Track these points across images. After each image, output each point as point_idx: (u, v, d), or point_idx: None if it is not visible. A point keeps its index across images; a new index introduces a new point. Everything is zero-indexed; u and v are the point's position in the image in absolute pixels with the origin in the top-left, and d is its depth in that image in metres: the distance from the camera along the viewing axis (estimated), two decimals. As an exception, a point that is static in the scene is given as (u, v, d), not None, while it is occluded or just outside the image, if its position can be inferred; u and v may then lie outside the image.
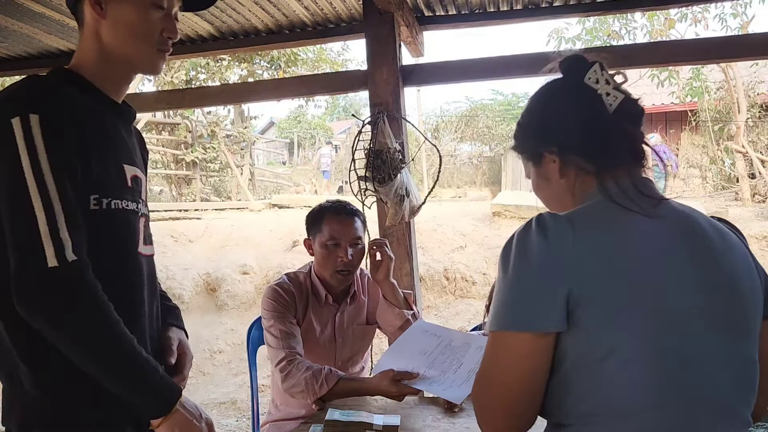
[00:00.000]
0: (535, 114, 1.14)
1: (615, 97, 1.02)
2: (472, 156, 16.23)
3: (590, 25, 10.11)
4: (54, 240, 1.07)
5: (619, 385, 0.90)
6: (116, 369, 1.14)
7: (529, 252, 0.93)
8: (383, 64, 2.94)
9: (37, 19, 3.10)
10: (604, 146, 1.02)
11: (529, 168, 1.16)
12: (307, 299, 2.12)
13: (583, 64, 1.05)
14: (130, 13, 1.24)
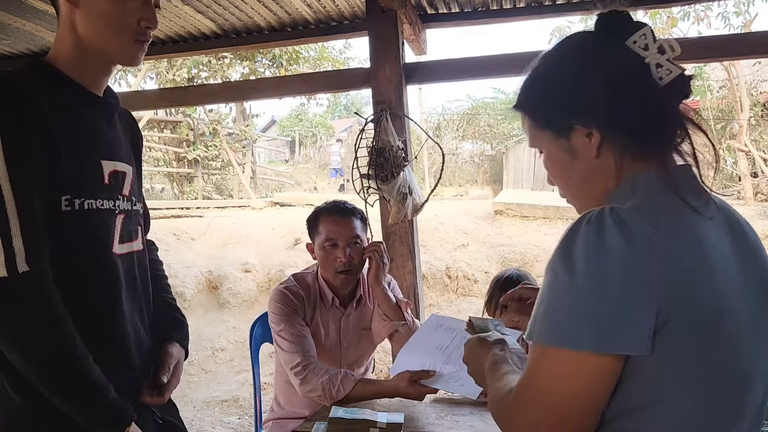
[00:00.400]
0: (561, 73, 0.94)
1: (669, 70, 0.87)
2: (473, 154, 16.22)
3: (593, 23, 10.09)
4: (6, 249, 1.03)
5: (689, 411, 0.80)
6: (63, 388, 1.10)
7: (609, 256, 0.77)
8: (386, 62, 2.94)
9: (39, 16, 3.10)
10: (655, 124, 0.87)
11: (538, 135, 0.97)
12: (314, 302, 2.11)
13: (630, 24, 0.89)
14: (104, 1, 1.18)
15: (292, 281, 2.13)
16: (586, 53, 0.92)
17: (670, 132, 0.89)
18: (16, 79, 1.14)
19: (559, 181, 0.99)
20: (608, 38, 0.91)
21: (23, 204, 1.05)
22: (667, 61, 0.87)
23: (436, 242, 6.88)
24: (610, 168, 0.90)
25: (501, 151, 15.02)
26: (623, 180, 0.90)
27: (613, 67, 0.88)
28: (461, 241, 6.96)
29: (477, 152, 16.29)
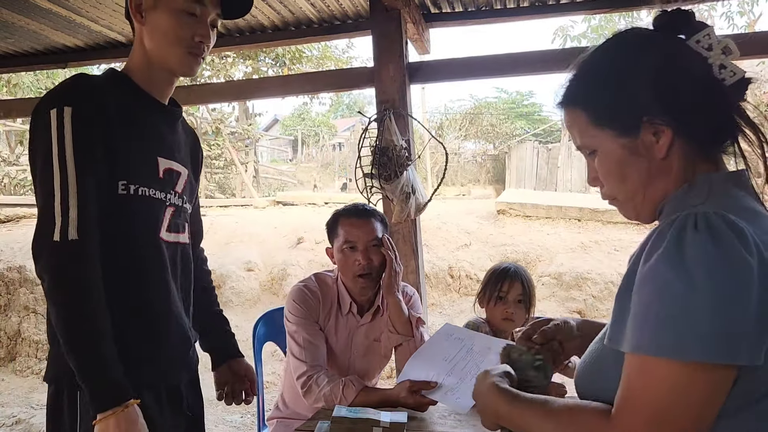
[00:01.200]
0: (627, 69, 0.88)
1: (733, 72, 0.85)
2: (476, 154, 16.19)
3: (596, 23, 10.09)
4: (63, 217, 1.20)
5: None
6: (78, 349, 1.21)
7: (734, 266, 0.73)
8: (390, 61, 2.94)
9: (43, 15, 3.11)
10: (721, 126, 0.86)
11: (596, 133, 0.91)
12: (331, 305, 2.06)
13: (693, 22, 0.87)
14: (163, 19, 1.36)
15: (312, 280, 2.10)
16: (648, 48, 0.88)
17: (734, 132, 0.87)
18: (93, 82, 1.33)
19: (613, 181, 0.93)
20: (672, 36, 0.88)
21: (82, 184, 1.22)
22: (731, 63, 0.85)
23: (438, 242, 6.88)
24: (675, 169, 0.87)
25: (504, 150, 15.00)
26: (694, 180, 0.86)
27: (679, 65, 0.85)
28: (464, 241, 6.96)
29: (479, 152, 16.26)
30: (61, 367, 1.25)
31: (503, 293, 2.09)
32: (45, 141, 1.23)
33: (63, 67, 3.93)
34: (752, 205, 0.83)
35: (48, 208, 1.21)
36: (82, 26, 3.28)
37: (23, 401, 4.75)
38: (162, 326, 1.42)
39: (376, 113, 2.90)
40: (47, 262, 1.21)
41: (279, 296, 6.18)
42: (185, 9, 1.36)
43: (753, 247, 0.75)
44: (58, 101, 1.25)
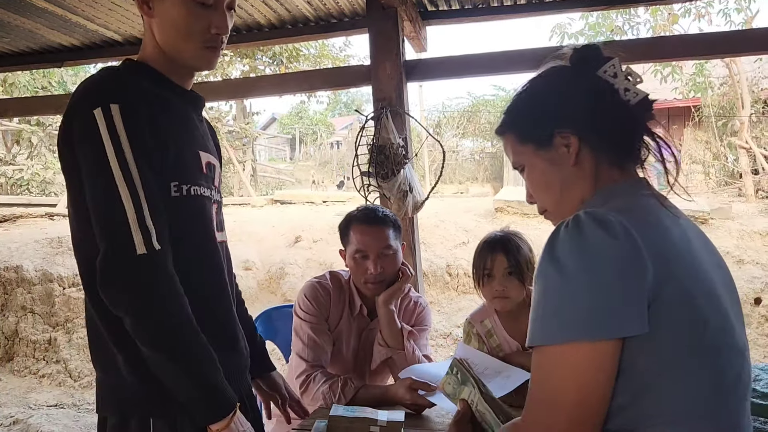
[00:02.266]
0: (544, 92, 1.05)
1: (635, 93, 0.98)
2: (474, 152, 16.19)
3: (593, 20, 10.07)
4: (141, 228, 1.09)
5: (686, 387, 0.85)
6: (187, 364, 1.14)
7: (596, 250, 0.84)
8: (386, 60, 2.93)
9: (39, 14, 3.09)
10: (626, 137, 1.00)
11: (522, 150, 1.06)
12: (343, 304, 2.03)
13: (600, 56, 1.01)
14: (173, 11, 1.22)
15: (326, 277, 2.06)
16: (566, 76, 1.04)
17: (638, 145, 1.01)
18: (125, 76, 1.22)
19: (540, 191, 1.07)
20: (583, 69, 1.02)
21: (148, 188, 1.12)
22: (634, 86, 0.99)
23: (436, 240, 6.88)
24: (587, 176, 1.00)
25: (501, 148, 14.99)
26: (597, 191, 0.99)
27: (587, 88, 1.00)
28: (462, 239, 6.95)
29: (477, 150, 16.26)
30: (127, 394, 1.19)
31: (488, 269, 1.88)
32: (95, 145, 1.10)
33: (59, 66, 3.92)
34: (642, 202, 0.95)
35: (119, 222, 1.08)
36: (78, 25, 3.27)
37: (21, 401, 4.74)
38: (230, 332, 1.35)
39: (373, 111, 2.90)
40: (133, 279, 1.09)
41: (277, 295, 6.17)
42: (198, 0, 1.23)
43: (619, 229, 0.85)
44: (101, 98, 1.12)
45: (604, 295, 0.82)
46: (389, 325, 1.94)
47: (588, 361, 0.82)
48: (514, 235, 1.95)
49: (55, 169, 11.43)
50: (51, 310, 5.65)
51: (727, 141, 10.37)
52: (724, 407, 0.87)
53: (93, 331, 1.24)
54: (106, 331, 1.20)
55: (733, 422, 0.89)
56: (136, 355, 1.16)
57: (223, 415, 1.16)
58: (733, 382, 0.89)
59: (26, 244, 6.28)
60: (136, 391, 1.19)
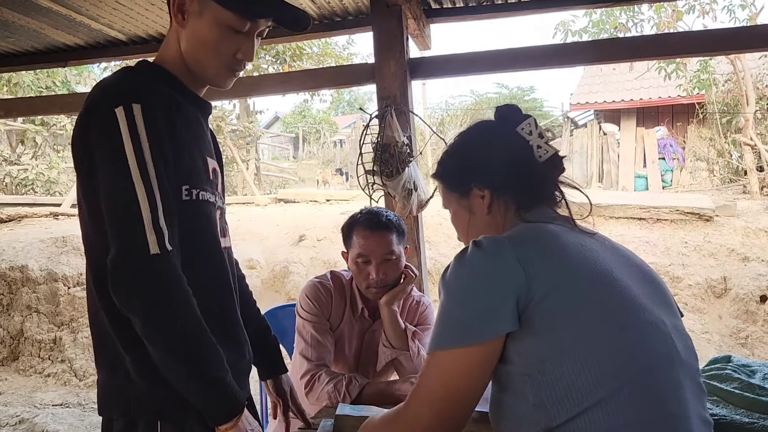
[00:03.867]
0: (466, 150, 1.22)
1: (546, 150, 1.14)
2: (477, 150, 16.17)
3: (597, 17, 10.04)
4: (155, 228, 1.08)
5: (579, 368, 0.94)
6: (199, 365, 1.14)
7: (469, 267, 1.00)
8: (391, 58, 2.92)
9: (43, 13, 3.10)
10: (533, 189, 1.15)
11: (449, 197, 1.24)
12: (345, 305, 2.03)
13: (518, 116, 1.17)
14: (205, 30, 1.23)
15: (327, 277, 2.06)
16: (484, 133, 1.22)
17: (545, 194, 1.16)
18: (145, 77, 1.22)
19: (461, 233, 1.24)
20: (504, 125, 1.18)
21: (164, 189, 1.12)
22: (545, 144, 1.14)
23: (440, 238, 6.87)
24: (498, 221, 1.16)
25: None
26: (510, 226, 1.13)
27: (504, 145, 1.16)
28: (466, 237, 6.94)
29: (481, 148, 16.23)
30: (134, 396, 1.19)
31: None
32: (114, 142, 1.09)
33: (63, 66, 3.93)
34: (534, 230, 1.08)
35: (133, 221, 1.08)
36: (82, 25, 3.27)
37: (26, 400, 4.76)
38: (236, 336, 1.35)
39: (377, 110, 2.89)
40: (145, 279, 1.08)
41: (281, 294, 6.18)
42: (233, 26, 1.23)
43: (493, 247, 1.00)
44: (123, 98, 1.12)
45: (474, 305, 0.97)
46: (393, 326, 1.94)
47: (456, 364, 0.98)
48: None
49: (59, 168, 11.45)
50: (56, 309, 5.67)
51: (732, 138, 10.33)
52: (627, 381, 0.94)
53: (99, 331, 1.24)
54: (115, 332, 1.19)
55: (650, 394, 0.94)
56: (145, 357, 1.16)
57: (232, 416, 1.17)
58: (644, 354, 0.96)
59: (31, 244, 6.29)
60: (144, 394, 1.19)
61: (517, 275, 0.96)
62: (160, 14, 3.16)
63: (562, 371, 0.94)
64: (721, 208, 6.92)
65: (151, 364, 1.16)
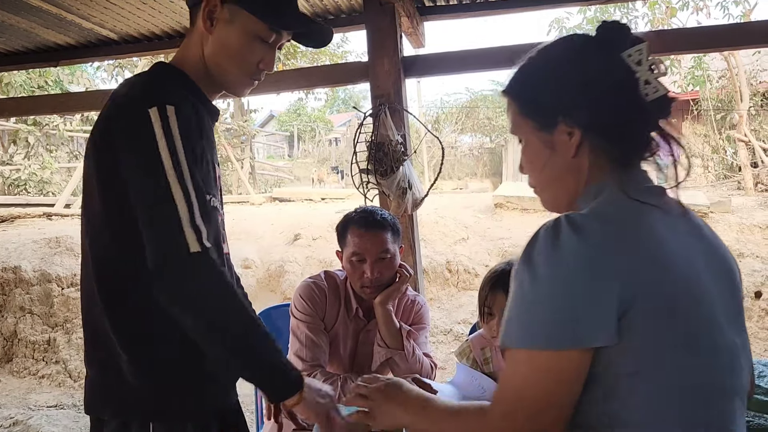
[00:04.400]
0: (558, 70, 0.96)
1: (656, 88, 0.91)
2: (472, 147, 16.19)
3: (591, 14, 10.06)
4: (193, 227, 1.09)
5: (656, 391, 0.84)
6: (257, 350, 1.17)
7: (569, 258, 0.83)
8: (384, 56, 2.91)
9: (34, 13, 3.07)
10: (633, 136, 0.94)
11: (523, 124, 1.00)
12: (339, 305, 2.01)
13: (627, 37, 0.93)
14: (234, 37, 1.26)
15: (321, 277, 2.05)
16: (584, 56, 0.95)
17: (646, 145, 0.95)
18: (174, 80, 1.24)
19: (532, 171, 1.03)
20: (606, 46, 0.94)
21: (198, 188, 1.12)
22: (656, 80, 0.92)
23: (436, 236, 6.87)
24: (583, 170, 0.95)
25: (500, 143, 15.00)
26: (595, 183, 0.94)
27: (605, 75, 0.92)
28: (461, 235, 6.94)
29: (476, 145, 16.26)
30: (128, 396, 1.19)
31: (488, 307, 1.76)
32: (148, 143, 1.10)
33: (55, 66, 3.90)
34: (626, 205, 0.90)
35: (171, 220, 1.08)
36: (73, 24, 3.25)
37: (21, 402, 4.73)
38: None
39: (372, 108, 2.88)
40: (190, 277, 1.09)
41: (276, 293, 6.16)
42: (261, 36, 1.27)
43: (596, 238, 0.83)
44: (157, 99, 1.13)
45: (572, 305, 0.82)
46: (387, 325, 1.92)
47: (550, 368, 0.83)
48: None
49: (52, 168, 11.39)
50: (50, 310, 5.64)
51: (726, 134, 10.37)
52: (702, 410, 0.86)
53: (93, 328, 1.23)
54: (113, 330, 1.19)
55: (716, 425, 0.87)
56: (142, 358, 1.18)
57: (294, 391, 1.20)
58: (717, 386, 0.88)
59: (24, 245, 6.26)
60: (138, 395, 1.19)
61: (622, 275, 0.82)
62: (151, 13, 3.14)
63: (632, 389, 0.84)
64: (716, 204, 6.94)
65: (147, 365, 1.18)
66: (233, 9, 1.24)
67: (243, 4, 1.25)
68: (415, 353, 1.94)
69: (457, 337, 5.41)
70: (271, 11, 1.27)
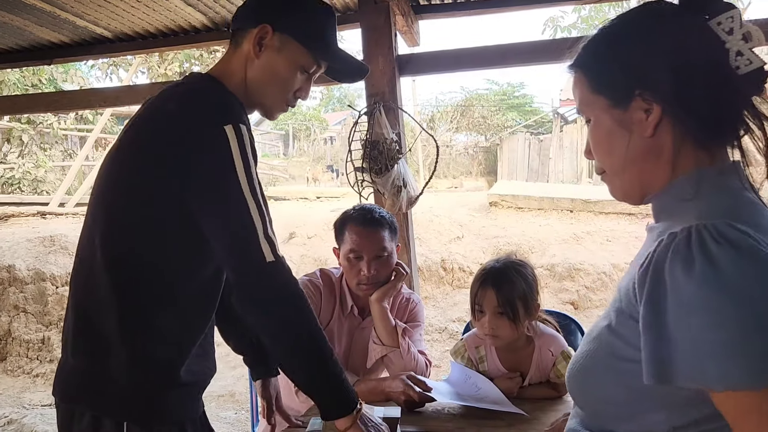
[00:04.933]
0: (635, 38, 0.85)
1: (749, 60, 0.80)
2: (467, 146, 16.19)
3: (586, 13, 10.08)
4: (267, 239, 1.16)
5: None
6: (322, 359, 1.22)
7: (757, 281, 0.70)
8: (379, 54, 2.91)
9: (28, 11, 3.06)
10: (726, 114, 0.82)
11: (592, 100, 0.90)
12: (335, 303, 2.02)
13: (719, 3, 0.82)
14: (280, 66, 1.31)
15: (316, 275, 2.05)
16: (666, 23, 0.84)
17: (738, 125, 0.83)
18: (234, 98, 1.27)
19: (602, 154, 0.91)
20: (692, 13, 0.83)
21: (265, 202, 1.20)
22: (750, 51, 0.81)
23: (431, 235, 6.88)
24: (665, 153, 0.84)
25: (495, 142, 15.01)
26: (685, 174, 0.84)
27: (691, 43, 0.81)
28: (456, 233, 6.96)
29: (471, 144, 16.26)
30: (108, 392, 1.21)
31: (479, 305, 1.76)
32: (224, 160, 1.15)
33: (48, 64, 3.88)
34: (748, 198, 0.81)
35: (250, 233, 1.15)
36: (66, 22, 3.24)
37: (15, 401, 4.72)
38: (210, 347, 1.42)
39: (366, 107, 2.88)
40: (269, 285, 1.17)
41: (272, 291, 6.16)
42: (305, 67, 1.33)
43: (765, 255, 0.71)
44: (231, 117, 1.17)
45: None
46: (383, 322, 1.93)
47: None
48: (514, 266, 1.78)
49: (46, 167, 11.35)
50: (44, 309, 5.63)
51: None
52: None
53: (89, 321, 1.23)
54: (122, 327, 1.19)
55: None
56: (142, 357, 1.20)
57: (350, 410, 1.25)
58: None
59: (18, 243, 6.24)
60: (123, 393, 1.20)
61: None
62: (145, 11, 3.13)
63: None
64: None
65: (144, 366, 1.20)
66: (284, 38, 1.30)
67: (295, 35, 1.30)
68: (410, 351, 1.95)
69: (451, 335, 5.43)
70: (321, 45, 1.34)
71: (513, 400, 1.71)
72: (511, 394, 1.74)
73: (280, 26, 1.29)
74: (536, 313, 1.79)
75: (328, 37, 1.37)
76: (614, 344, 0.84)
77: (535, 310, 1.78)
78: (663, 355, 0.73)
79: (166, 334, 1.23)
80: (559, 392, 1.77)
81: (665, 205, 0.88)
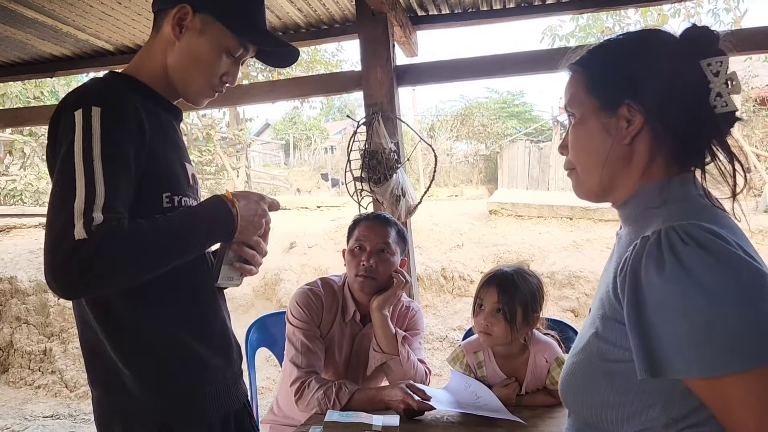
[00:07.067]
0: (635, 53, 0.95)
1: (726, 103, 0.90)
2: (468, 154, 16.23)
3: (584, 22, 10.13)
4: (85, 217, 1.01)
5: None
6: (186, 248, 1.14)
7: (734, 267, 0.79)
8: (377, 65, 2.94)
9: (29, 24, 3.10)
10: (694, 139, 0.92)
11: (584, 101, 0.98)
12: (336, 310, 2.03)
13: (711, 46, 0.91)
14: (203, 48, 1.25)
15: (317, 284, 2.07)
16: (666, 50, 0.93)
17: (705, 150, 0.93)
18: (112, 84, 1.22)
19: (579, 152, 1.00)
20: (688, 49, 0.92)
21: (111, 185, 1.05)
22: (728, 95, 0.91)
23: (431, 243, 6.88)
24: (636, 161, 0.94)
25: (495, 150, 15.05)
26: (652, 182, 0.93)
27: (682, 74, 0.91)
28: (456, 242, 6.96)
29: (471, 152, 16.30)
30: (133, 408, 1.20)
31: (481, 301, 1.83)
32: (67, 144, 1.07)
33: (50, 76, 3.92)
34: (707, 203, 0.92)
35: (63, 213, 1.02)
36: (68, 35, 3.27)
37: (17, 413, 4.72)
38: (223, 340, 1.36)
39: (365, 117, 2.91)
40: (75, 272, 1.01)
41: (272, 301, 6.17)
42: (230, 50, 1.27)
43: (735, 246, 0.81)
44: (84, 101, 1.10)
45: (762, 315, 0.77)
46: (383, 330, 1.95)
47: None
48: (522, 273, 1.83)
49: (48, 179, 11.39)
50: (46, 320, 5.63)
51: (719, 140, 10.41)
52: None
53: (91, 351, 1.23)
54: (114, 349, 1.19)
55: None
56: (144, 369, 1.19)
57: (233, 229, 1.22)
58: None
59: (20, 255, 6.26)
60: (143, 405, 1.20)
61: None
62: (147, 24, 3.16)
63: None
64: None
65: (152, 377, 1.19)
66: (206, 19, 1.23)
67: (217, 16, 1.23)
68: (410, 359, 1.96)
69: (452, 343, 5.42)
70: (245, 27, 1.27)
71: (511, 407, 1.72)
72: (509, 402, 1.75)
73: (201, 6, 1.22)
74: (535, 324, 1.82)
75: (254, 17, 1.29)
76: (604, 349, 0.90)
77: (534, 321, 1.81)
78: (650, 351, 0.81)
79: (160, 344, 1.21)
80: (557, 399, 1.78)
81: (633, 212, 0.97)
